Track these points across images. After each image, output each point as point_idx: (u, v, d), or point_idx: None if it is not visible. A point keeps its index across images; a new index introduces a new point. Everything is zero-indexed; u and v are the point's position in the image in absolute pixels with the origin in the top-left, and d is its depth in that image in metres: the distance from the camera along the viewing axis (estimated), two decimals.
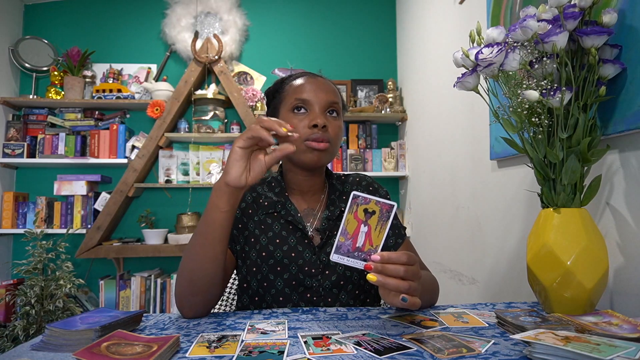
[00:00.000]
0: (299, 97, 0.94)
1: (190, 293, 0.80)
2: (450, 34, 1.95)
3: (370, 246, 0.68)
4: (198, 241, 0.79)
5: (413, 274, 0.67)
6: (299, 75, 1.00)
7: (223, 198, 0.76)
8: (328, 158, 0.95)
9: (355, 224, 0.68)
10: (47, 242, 2.25)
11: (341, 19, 2.99)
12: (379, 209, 0.68)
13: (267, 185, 1.02)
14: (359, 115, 2.74)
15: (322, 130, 0.92)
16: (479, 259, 1.62)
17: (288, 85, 0.98)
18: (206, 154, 2.78)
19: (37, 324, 2.13)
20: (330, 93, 0.96)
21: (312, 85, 0.95)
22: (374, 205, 0.68)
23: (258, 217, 0.97)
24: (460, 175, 1.82)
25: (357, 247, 0.68)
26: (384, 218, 0.68)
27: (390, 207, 0.67)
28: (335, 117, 0.96)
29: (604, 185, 0.90)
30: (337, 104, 0.96)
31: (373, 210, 0.68)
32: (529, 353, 0.56)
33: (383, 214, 0.68)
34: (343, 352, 0.60)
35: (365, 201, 0.68)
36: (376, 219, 0.68)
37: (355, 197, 0.68)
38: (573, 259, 0.74)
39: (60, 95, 2.67)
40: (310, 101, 0.93)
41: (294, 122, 0.93)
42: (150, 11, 2.89)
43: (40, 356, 0.60)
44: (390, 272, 0.65)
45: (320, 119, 0.91)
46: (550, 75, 0.81)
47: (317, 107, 0.93)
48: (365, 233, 0.68)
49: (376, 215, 0.68)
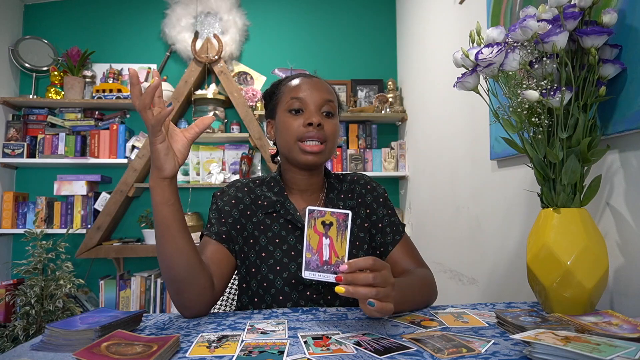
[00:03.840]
0: (295, 96, 0.95)
1: (176, 292, 0.80)
2: (450, 34, 1.95)
3: (336, 258, 0.69)
4: (161, 242, 0.77)
5: (383, 280, 0.66)
6: (294, 76, 1.01)
7: (166, 192, 0.75)
8: (324, 157, 0.96)
9: (317, 238, 0.69)
10: (47, 242, 2.25)
11: (341, 19, 2.99)
12: (335, 220, 0.69)
13: (266, 185, 1.02)
14: (359, 115, 2.74)
15: (318, 129, 0.93)
16: (479, 259, 1.62)
17: (284, 86, 1.00)
18: (206, 153, 2.78)
19: (37, 324, 2.13)
20: (325, 92, 0.97)
21: (307, 85, 0.96)
22: (329, 216, 0.69)
23: (257, 217, 0.97)
24: (460, 175, 1.82)
25: (325, 261, 0.69)
26: (342, 227, 0.69)
27: (345, 216, 0.69)
28: (331, 116, 0.97)
29: (604, 185, 0.90)
30: (332, 102, 0.97)
31: (330, 222, 0.69)
32: (529, 353, 0.56)
33: (340, 224, 0.69)
34: (343, 352, 0.60)
35: (320, 214, 0.69)
36: (335, 229, 0.69)
37: (311, 212, 0.69)
38: (573, 259, 0.74)
39: (60, 95, 2.67)
40: (305, 100, 0.94)
41: (289, 121, 0.94)
42: (150, 11, 2.89)
43: (40, 356, 0.60)
44: (359, 281, 0.65)
45: (315, 117, 0.92)
46: (550, 75, 0.81)
47: (313, 106, 0.94)
48: (328, 245, 0.69)
49: (334, 226, 0.69)
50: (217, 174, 2.67)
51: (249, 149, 2.76)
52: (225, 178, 2.68)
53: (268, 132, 1.04)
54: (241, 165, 2.66)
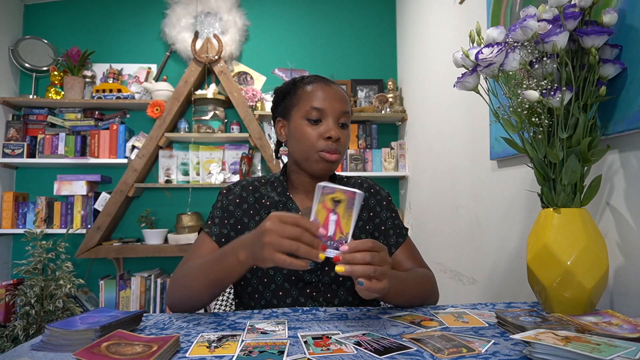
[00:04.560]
0: (314, 105, 0.95)
1: (181, 307, 0.86)
2: (450, 34, 1.95)
3: (340, 234, 0.70)
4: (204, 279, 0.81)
5: (380, 259, 0.69)
6: (312, 79, 1.00)
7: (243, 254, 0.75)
8: (336, 166, 0.98)
9: (325, 214, 0.71)
10: (47, 242, 2.25)
11: (341, 19, 2.99)
12: (345, 197, 0.70)
13: (270, 185, 1.04)
14: (359, 115, 2.74)
15: (336, 143, 0.94)
16: (479, 259, 1.62)
17: (301, 89, 0.98)
18: (206, 154, 2.78)
19: (37, 324, 2.13)
20: (344, 102, 0.97)
21: (326, 94, 0.96)
22: (340, 194, 0.70)
23: (260, 216, 0.99)
24: (460, 175, 1.82)
25: (329, 237, 0.70)
26: (350, 205, 0.70)
27: (353, 195, 0.69)
28: (346, 127, 0.99)
29: (604, 185, 0.90)
30: (348, 113, 0.98)
31: (339, 200, 0.70)
32: (529, 353, 0.56)
33: (349, 202, 0.70)
34: (343, 352, 0.60)
35: (331, 190, 0.70)
36: (343, 206, 0.70)
37: (322, 187, 0.70)
38: (573, 259, 0.74)
39: (60, 95, 2.67)
40: (325, 111, 0.95)
41: (308, 131, 0.95)
42: (150, 11, 2.89)
43: (40, 356, 0.60)
44: (357, 260, 0.68)
45: (334, 131, 0.94)
46: (551, 75, 0.81)
47: (332, 118, 0.95)
48: (334, 221, 0.71)
49: (343, 204, 0.70)
50: (217, 174, 2.66)
51: (249, 149, 2.76)
52: (225, 178, 2.68)
53: (278, 131, 1.04)
54: (241, 165, 2.66)
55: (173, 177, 2.73)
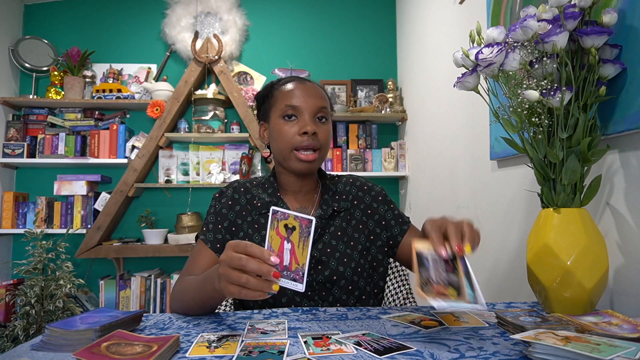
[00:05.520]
0: (289, 103, 0.96)
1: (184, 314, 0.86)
2: (450, 34, 1.95)
3: (297, 265, 0.65)
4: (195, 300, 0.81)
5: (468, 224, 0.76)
6: (287, 80, 1.01)
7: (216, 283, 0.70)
8: (317, 164, 0.98)
9: (279, 241, 0.66)
10: (47, 242, 2.25)
11: (341, 19, 2.99)
12: (298, 224, 0.65)
13: (261, 186, 1.05)
14: (359, 115, 2.74)
15: (312, 137, 0.94)
16: (479, 259, 1.62)
17: (277, 91, 1.00)
18: (206, 153, 2.78)
19: (37, 324, 2.13)
20: (319, 98, 0.98)
21: (301, 91, 0.97)
22: (292, 220, 0.66)
23: (252, 217, 1.00)
24: (460, 175, 1.82)
25: (285, 267, 0.65)
26: (305, 234, 0.65)
27: (309, 222, 0.65)
28: (325, 122, 0.98)
29: (604, 185, 0.90)
30: (325, 108, 0.98)
31: (293, 226, 0.66)
32: (529, 353, 0.56)
33: (303, 230, 0.65)
34: (343, 352, 0.60)
35: (284, 216, 0.66)
36: (297, 234, 0.65)
37: (274, 213, 0.66)
38: (573, 259, 0.74)
39: (60, 95, 2.67)
40: (300, 107, 0.95)
41: (284, 129, 0.95)
42: (150, 11, 2.89)
43: (40, 356, 0.60)
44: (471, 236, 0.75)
45: (310, 126, 0.94)
46: (551, 75, 0.81)
47: (307, 114, 0.95)
48: (289, 250, 0.66)
49: (297, 231, 0.65)
50: (217, 174, 2.66)
51: (249, 149, 2.76)
52: (225, 178, 2.68)
53: (261, 135, 1.06)
54: (241, 165, 2.66)
55: (173, 177, 2.73)
